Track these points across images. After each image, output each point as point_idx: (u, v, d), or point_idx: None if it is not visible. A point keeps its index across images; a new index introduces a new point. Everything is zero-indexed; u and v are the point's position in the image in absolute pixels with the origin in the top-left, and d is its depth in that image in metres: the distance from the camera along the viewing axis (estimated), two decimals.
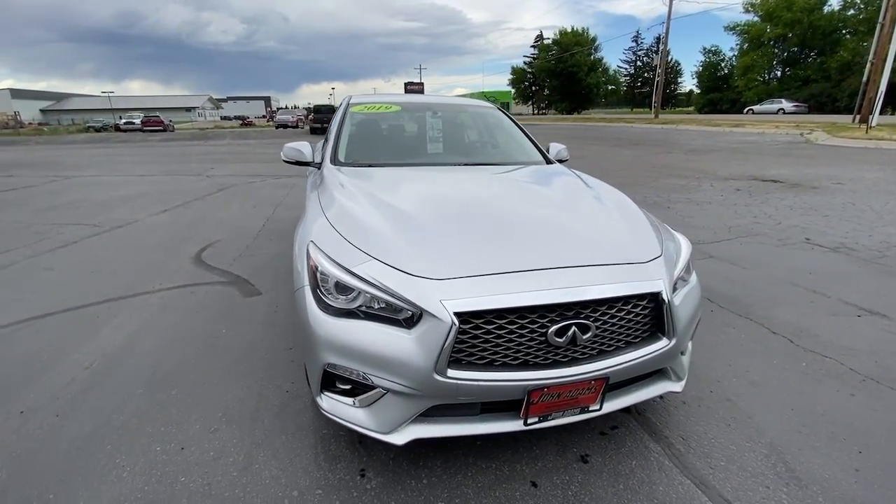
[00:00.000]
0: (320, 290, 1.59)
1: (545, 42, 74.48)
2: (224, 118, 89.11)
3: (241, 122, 61.38)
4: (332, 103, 72.01)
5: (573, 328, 1.48)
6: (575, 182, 2.55)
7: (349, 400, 1.58)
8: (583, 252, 1.71)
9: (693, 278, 1.95)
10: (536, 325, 1.47)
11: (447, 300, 1.43)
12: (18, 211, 6.27)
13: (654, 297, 1.62)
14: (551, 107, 75.35)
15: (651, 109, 37.51)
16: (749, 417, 1.98)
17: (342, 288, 1.55)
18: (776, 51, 47.69)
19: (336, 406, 1.59)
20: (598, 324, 1.53)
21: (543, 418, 1.57)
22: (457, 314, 1.41)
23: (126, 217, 5.80)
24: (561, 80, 67.31)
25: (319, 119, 27.63)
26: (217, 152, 16.21)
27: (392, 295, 1.47)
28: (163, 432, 1.87)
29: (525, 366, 1.50)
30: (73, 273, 3.78)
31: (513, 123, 3.34)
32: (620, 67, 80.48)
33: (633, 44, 76.21)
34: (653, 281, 1.63)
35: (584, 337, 1.50)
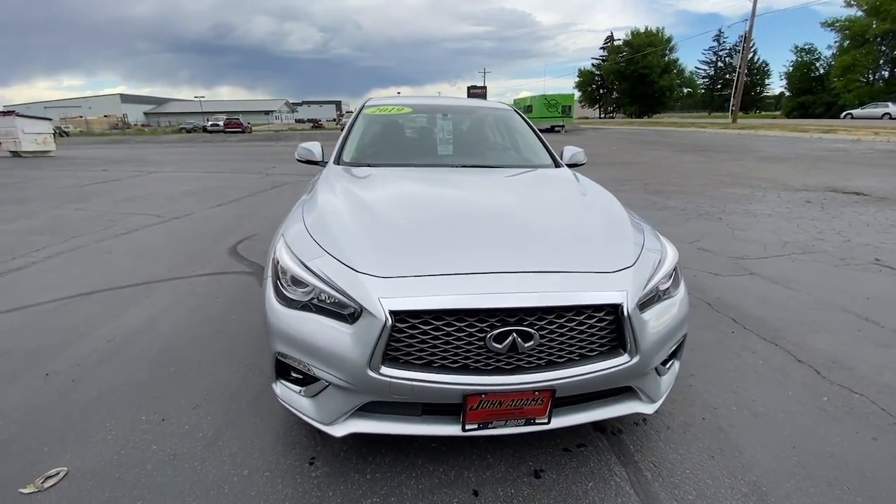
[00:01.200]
0: (280, 283, 1.66)
1: (615, 43, 71.65)
2: (298, 121, 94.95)
3: (312, 124, 65.10)
4: None
5: (512, 335, 1.43)
6: (569, 187, 2.45)
7: (298, 389, 1.63)
8: (546, 258, 1.64)
9: (679, 292, 1.81)
10: (475, 330, 1.44)
11: (385, 298, 1.44)
12: (101, 201, 7.12)
13: (614, 309, 1.52)
14: (619, 110, 72.30)
15: (729, 113, 34.76)
16: (738, 451, 1.79)
17: (297, 281, 1.61)
18: (883, 48, 42.28)
19: (288, 394, 1.66)
20: (543, 332, 1.46)
21: (483, 426, 1.52)
22: (392, 312, 1.41)
23: (185, 210, 6.38)
24: (631, 82, 64.45)
25: None
26: (283, 152, 17.30)
27: (336, 290, 1.51)
28: (151, 404, 2.04)
29: (464, 370, 1.47)
30: (126, 257, 4.23)
31: (527, 126, 3.27)
32: (698, 69, 75.46)
33: (715, 43, 71.18)
34: (612, 292, 1.53)
35: (526, 345, 1.44)
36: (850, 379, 2.25)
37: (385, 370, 1.44)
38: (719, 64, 71.03)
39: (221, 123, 41.24)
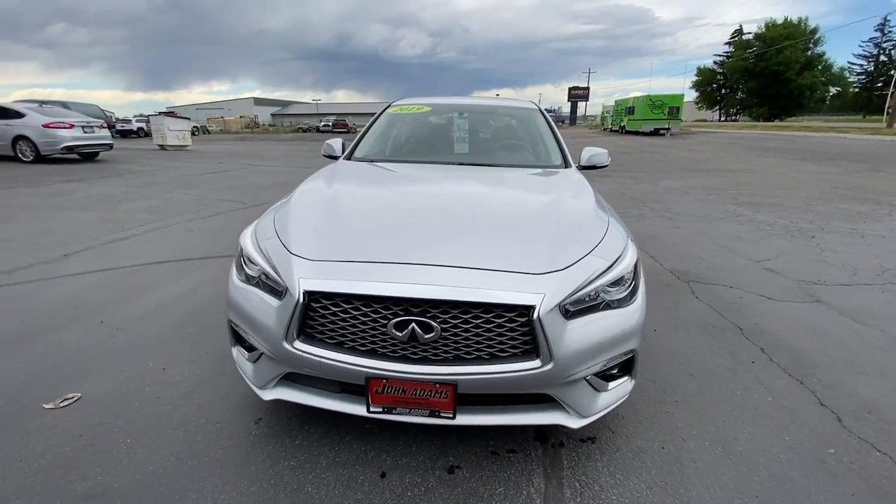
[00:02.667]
0: (241, 260, 1.87)
1: (744, 38, 63.84)
2: None
3: None
4: None
5: (412, 325, 1.46)
6: (553, 189, 2.34)
7: (245, 354, 1.83)
8: (478, 255, 1.62)
9: (633, 304, 1.67)
10: (379, 316, 1.49)
11: (304, 278, 1.56)
12: (205, 188, 8.31)
13: (527, 311, 1.46)
14: (744, 112, 64.31)
15: (885, 117, 29.04)
16: (684, 489, 1.59)
17: (251, 259, 1.80)
18: None
19: (239, 358, 1.86)
20: (447, 326, 1.47)
21: (388, 410, 1.57)
22: (307, 292, 1.53)
23: (265, 199, 7.18)
24: (760, 80, 57.00)
25: None
26: None
27: (272, 268, 1.67)
28: (162, 355, 2.41)
29: (372, 354, 1.53)
30: (202, 235, 4.93)
31: (546, 126, 3.16)
32: (853, 64, 64.13)
33: (878, 34, 59.85)
34: (526, 293, 1.48)
35: (427, 336, 1.46)
36: (880, 434, 1.85)
37: (298, 345, 1.56)
38: (882, 58, 59.61)
39: (331, 124, 45.32)
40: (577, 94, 67.73)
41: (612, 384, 1.71)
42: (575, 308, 1.57)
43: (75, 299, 3.12)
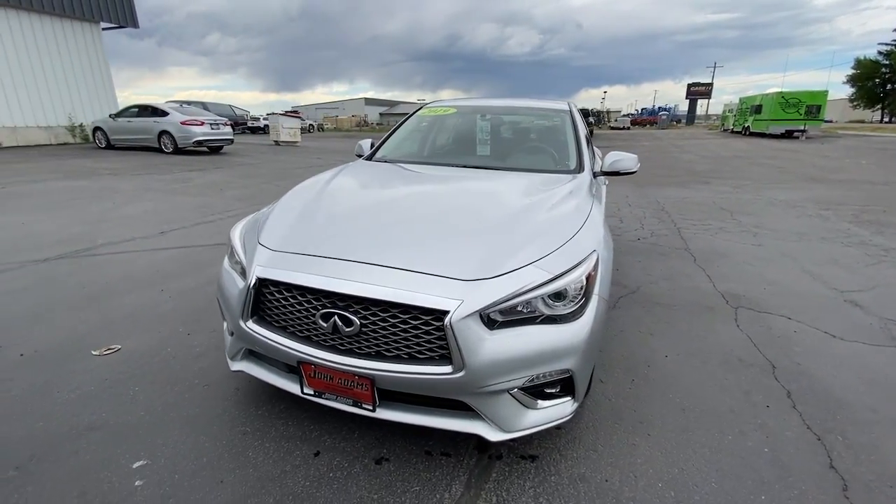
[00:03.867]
0: (231, 248, 2.13)
1: None
2: None
3: None
4: (602, 108, 70.34)
5: (334, 317, 1.55)
6: (541, 194, 2.23)
7: (225, 328, 2.08)
8: (418, 257, 1.66)
9: (578, 323, 1.58)
10: (311, 306, 1.62)
11: (259, 266, 1.74)
12: (294, 180, 9.19)
13: (442, 316, 1.47)
14: None
15: None
16: None
17: (232, 246, 2.04)
18: None
19: (224, 331, 2.12)
20: (366, 322, 1.54)
21: (318, 394, 1.69)
22: (258, 278, 1.71)
23: None
24: None
25: None
26: None
27: (243, 254, 1.89)
28: (191, 322, 2.81)
29: (307, 341, 1.66)
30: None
31: (571, 129, 2.99)
32: None
33: None
34: (443, 298, 1.49)
35: (347, 329, 1.55)
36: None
37: (250, 324, 1.75)
38: None
39: None
40: (698, 91, 61.40)
41: (544, 402, 1.64)
42: (504, 318, 1.54)
43: (151, 269, 3.75)
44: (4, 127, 13.26)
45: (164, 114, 12.73)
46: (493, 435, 1.56)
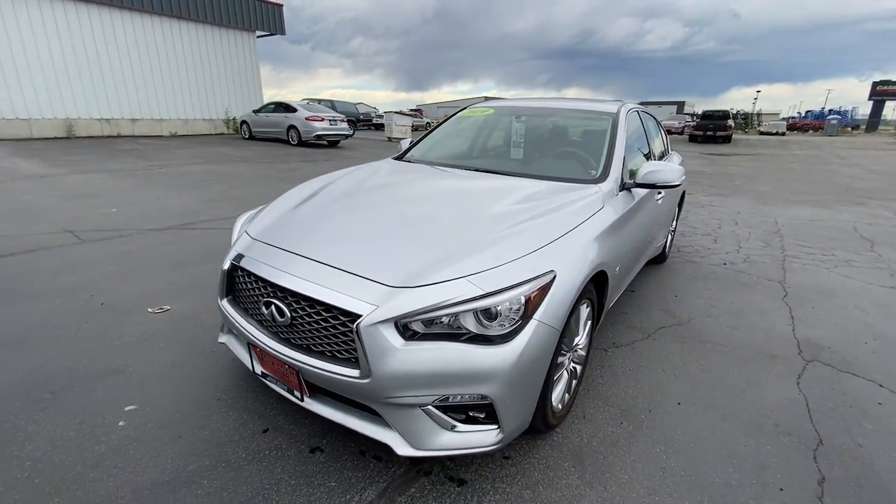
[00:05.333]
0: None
1: None
2: None
3: None
4: (753, 110, 60.94)
5: (273, 306, 1.65)
6: (534, 204, 2.05)
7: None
8: (360, 258, 1.67)
9: (506, 348, 1.46)
10: (259, 293, 1.74)
11: (234, 251, 1.93)
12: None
13: (355, 319, 1.47)
14: None
15: None
16: None
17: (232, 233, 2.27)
18: None
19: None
20: (296, 315, 1.60)
21: (264, 376, 1.81)
22: (231, 263, 1.89)
23: None
24: None
25: (703, 127, 24.71)
26: None
27: (232, 240, 2.09)
28: (204, 295, 3.19)
29: (259, 325, 1.79)
30: None
31: (607, 136, 2.68)
32: None
33: None
34: (358, 301, 1.48)
35: (280, 319, 1.63)
36: None
37: (224, 303, 1.94)
38: None
39: None
40: (886, 91, 49.85)
41: (464, 426, 1.54)
42: (425, 330, 1.48)
43: (228, 245, 4.32)
44: (179, 119, 16.37)
45: (293, 110, 14.45)
46: (402, 449, 1.52)
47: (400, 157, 3.20)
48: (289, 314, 1.62)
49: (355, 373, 1.48)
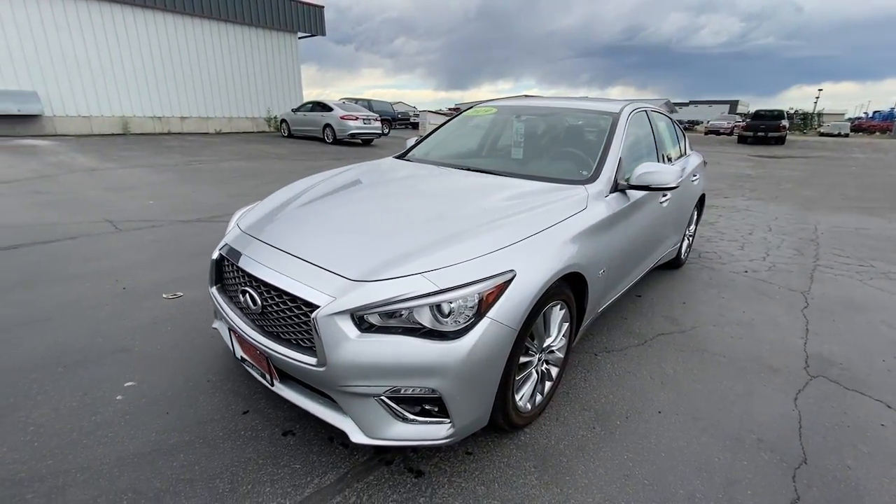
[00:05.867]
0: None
1: None
2: (678, 122, 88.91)
3: (684, 126, 60.13)
4: (814, 109, 56.79)
5: (248, 295, 1.75)
6: (511, 204, 2.06)
7: None
8: (328, 251, 1.72)
9: (458, 343, 1.49)
10: (237, 282, 1.85)
11: (224, 242, 2.05)
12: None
13: (314, 309, 1.54)
14: None
15: None
16: None
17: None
18: None
19: None
20: (267, 303, 1.69)
21: (243, 360, 1.92)
22: (219, 253, 2.02)
23: None
24: None
25: (753, 127, 23.37)
26: None
27: (227, 232, 2.22)
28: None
29: (240, 311, 1.90)
30: None
31: (605, 139, 2.62)
32: None
33: None
34: (316, 292, 1.55)
35: (253, 307, 1.73)
36: None
37: (213, 290, 2.07)
38: None
39: None
40: None
41: (416, 418, 1.58)
42: (382, 323, 1.53)
43: None
44: (224, 117, 17.23)
45: (329, 109, 14.89)
46: (356, 436, 1.57)
47: (402, 156, 3.26)
48: (260, 303, 1.71)
49: (313, 361, 1.55)
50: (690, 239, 4.31)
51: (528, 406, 1.94)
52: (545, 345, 1.96)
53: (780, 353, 2.68)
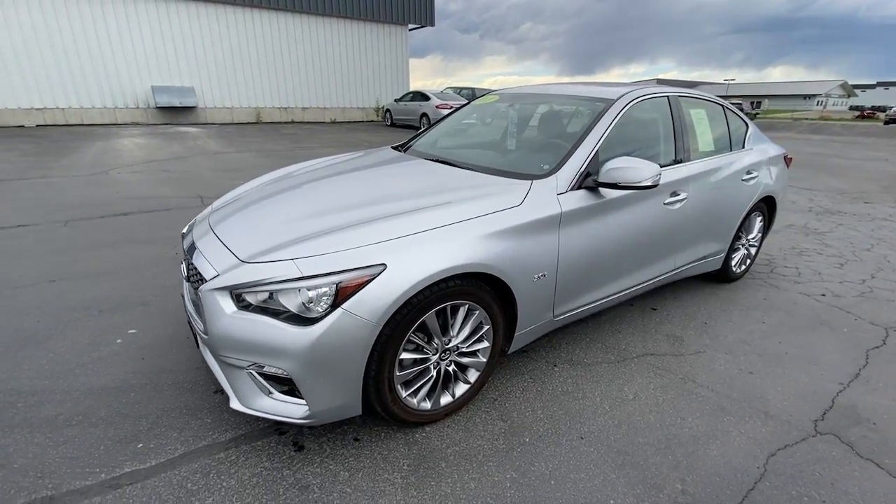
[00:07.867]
0: None
1: None
2: (853, 108, 73.11)
3: (859, 113, 49.03)
4: None
5: (184, 263, 2.01)
6: (438, 198, 1.99)
7: None
8: (247, 235, 1.90)
9: (308, 329, 1.57)
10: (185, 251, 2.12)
11: (195, 217, 2.36)
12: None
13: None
14: None
15: None
16: None
17: None
18: None
19: None
20: (189, 272, 1.93)
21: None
22: (187, 227, 2.33)
23: None
24: None
25: None
26: None
27: None
28: None
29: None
30: None
31: (585, 130, 2.34)
32: None
33: None
34: (210, 268, 1.75)
35: (183, 275, 1.99)
36: None
37: (182, 262, 2.39)
38: None
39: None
40: None
41: (279, 396, 1.68)
42: (256, 302, 1.65)
43: None
44: (338, 107, 18.92)
45: (426, 98, 15.39)
46: (233, 402, 1.72)
47: (400, 146, 3.31)
48: (185, 272, 1.96)
49: (203, 329, 1.74)
50: (751, 250, 3.62)
51: (427, 404, 1.90)
52: (449, 345, 1.89)
53: (794, 397, 2.17)
